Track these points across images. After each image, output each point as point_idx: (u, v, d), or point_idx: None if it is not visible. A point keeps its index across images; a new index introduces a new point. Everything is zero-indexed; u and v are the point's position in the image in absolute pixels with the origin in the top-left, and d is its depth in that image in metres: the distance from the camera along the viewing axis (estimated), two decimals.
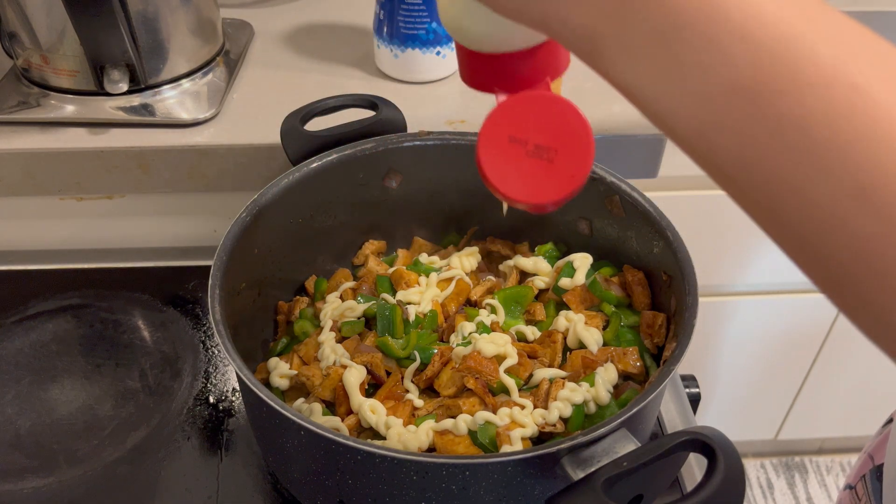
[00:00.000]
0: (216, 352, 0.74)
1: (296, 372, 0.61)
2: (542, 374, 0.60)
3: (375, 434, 0.57)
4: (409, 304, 0.66)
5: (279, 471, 0.60)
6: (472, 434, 0.55)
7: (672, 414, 0.70)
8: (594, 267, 0.68)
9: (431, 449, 0.56)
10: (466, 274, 0.70)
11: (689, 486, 0.62)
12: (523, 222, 0.74)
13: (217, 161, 0.77)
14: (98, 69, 0.75)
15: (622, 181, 0.65)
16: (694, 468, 0.63)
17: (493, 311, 0.67)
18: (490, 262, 0.74)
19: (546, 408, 0.57)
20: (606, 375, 0.59)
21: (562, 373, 0.61)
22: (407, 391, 0.60)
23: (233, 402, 0.69)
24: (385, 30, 0.85)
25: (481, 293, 0.69)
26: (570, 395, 0.57)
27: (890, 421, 0.79)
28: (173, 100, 0.80)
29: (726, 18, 0.28)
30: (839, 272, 0.28)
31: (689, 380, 0.73)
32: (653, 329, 0.63)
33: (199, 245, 0.87)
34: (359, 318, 0.66)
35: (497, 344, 0.60)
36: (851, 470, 0.83)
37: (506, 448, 0.53)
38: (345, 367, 0.60)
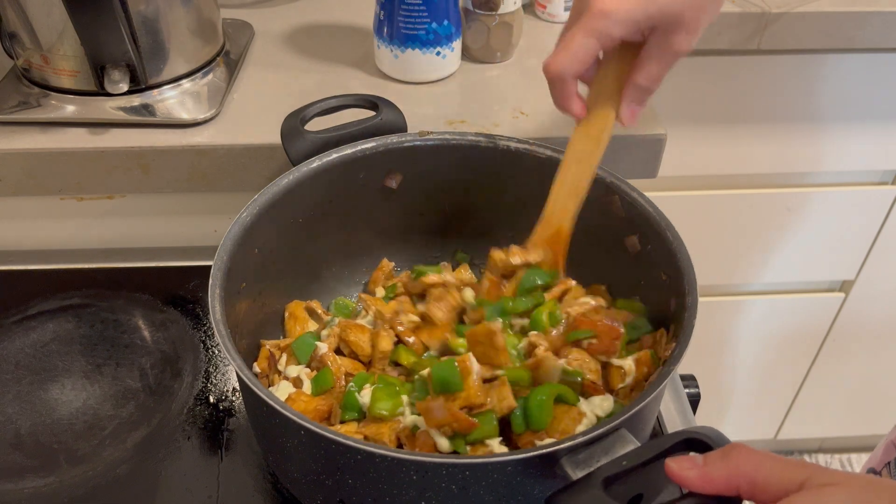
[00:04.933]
0: (216, 352, 0.74)
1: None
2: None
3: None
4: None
5: (279, 471, 0.60)
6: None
7: (672, 414, 0.70)
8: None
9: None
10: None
11: None
12: (523, 222, 0.74)
13: (217, 161, 0.77)
14: (98, 69, 0.75)
15: (622, 181, 0.65)
16: None
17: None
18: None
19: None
20: (603, 405, 0.58)
21: None
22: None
23: (233, 402, 0.69)
24: (385, 30, 0.85)
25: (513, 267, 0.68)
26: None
27: None
28: (174, 100, 0.80)
29: None
30: None
31: (689, 380, 0.73)
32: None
33: (199, 245, 0.87)
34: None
35: None
36: (872, 456, 0.85)
37: None
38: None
